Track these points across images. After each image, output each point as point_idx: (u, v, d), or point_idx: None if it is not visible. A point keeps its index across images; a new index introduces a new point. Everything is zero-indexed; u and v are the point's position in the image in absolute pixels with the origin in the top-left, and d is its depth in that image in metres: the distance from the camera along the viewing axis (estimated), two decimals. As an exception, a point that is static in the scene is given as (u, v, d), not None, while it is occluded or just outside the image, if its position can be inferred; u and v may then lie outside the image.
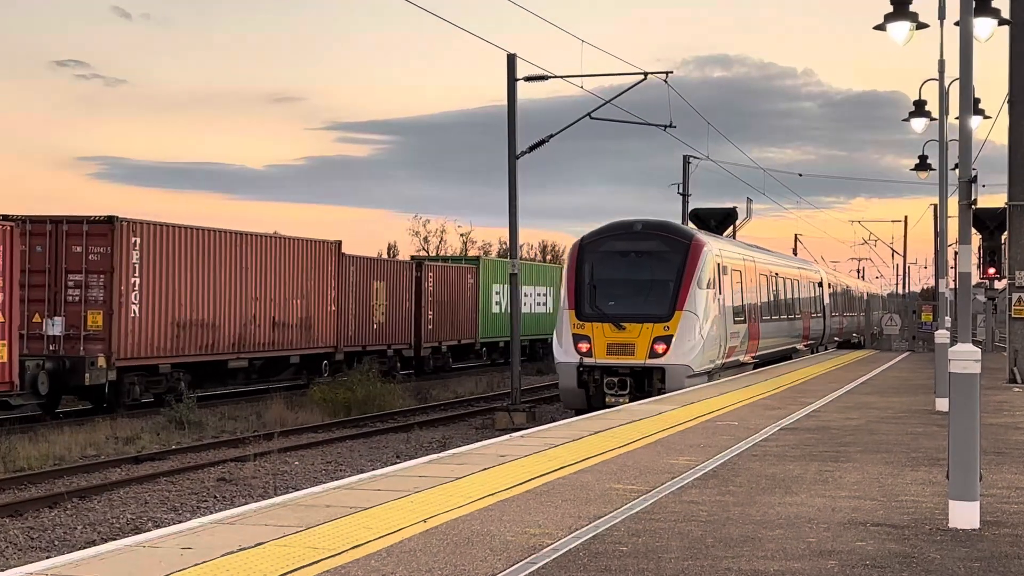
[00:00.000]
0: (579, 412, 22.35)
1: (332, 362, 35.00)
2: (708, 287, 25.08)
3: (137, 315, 26.66)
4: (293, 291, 32.77)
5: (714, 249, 26.23)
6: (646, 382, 23.87)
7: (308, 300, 33.51)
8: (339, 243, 35.28)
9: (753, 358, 30.50)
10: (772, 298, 32.98)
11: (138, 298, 26.71)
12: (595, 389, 23.90)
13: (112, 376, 25.88)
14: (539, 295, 52.13)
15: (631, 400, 22.83)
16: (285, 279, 32.52)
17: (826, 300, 44.23)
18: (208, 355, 29.33)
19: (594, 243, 25.01)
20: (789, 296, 35.76)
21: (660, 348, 23.71)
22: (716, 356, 26.09)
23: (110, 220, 26.22)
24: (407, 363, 40.40)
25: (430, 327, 41.18)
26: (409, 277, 40.25)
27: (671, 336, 23.72)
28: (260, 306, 31.33)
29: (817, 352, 41.43)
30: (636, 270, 24.49)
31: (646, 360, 23.66)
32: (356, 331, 36.36)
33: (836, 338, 48.48)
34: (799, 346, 38.58)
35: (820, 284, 43.92)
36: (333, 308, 34.68)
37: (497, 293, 47.61)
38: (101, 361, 25.66)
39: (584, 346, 23.79)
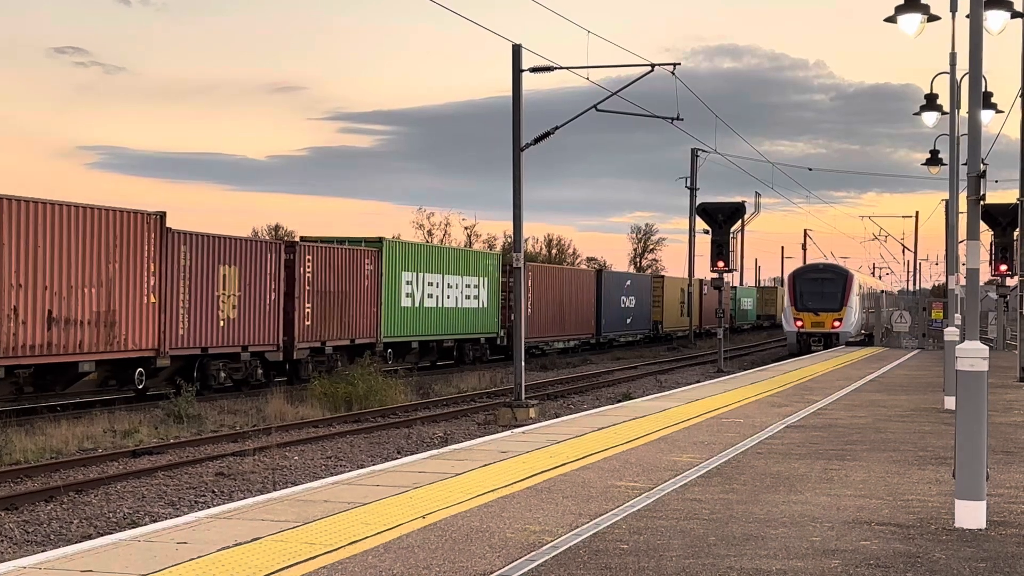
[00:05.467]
0: (793, 355, 44.30)
1: (152, 369, 27.11)
2: (856, 295, 49.15)
3: None
4: (85, 277, 24.55)
5: (856, 275, 51.41)
6: (829, 341, 47.45)
7: (110, 289, 25.30)
8: (162, 215, 26.97)
9: (860, 334, 53.30)
10: (870, 301, 55.26)
11: None
12: (803, 344, 47.26)
13: None
14: (470, 287, 43.66)
15: (823, 348, 46.24)
16: (71, 261, 24.21)
17: (883, 302, 63.16)
18: None
19: (801, 273, 50.24)
20: (874, 300, 55.93)
21: (836, 324, 47.67)
22: (859, 330, 51.11)
23: None
24: (278, 369, 32.49)
25: (308, 323, 32.81)
26: (276, 261, 31.65)
27: (841, 318, 47.77)
28: (25, 296, 23.13)
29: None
30: (823, 286, 48.17)
31: (830, 330, 47.64)
32: (191, 329, 28.02)
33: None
34: (874, 331, 58.50)
35: (881, 291, 65.10)
36: (153, 300, 26.61)
37: (408, 283, 38.72)
38: None
39: (799, 323, 47.63)
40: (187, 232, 28.11)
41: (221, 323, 29.33)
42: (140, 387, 26.86)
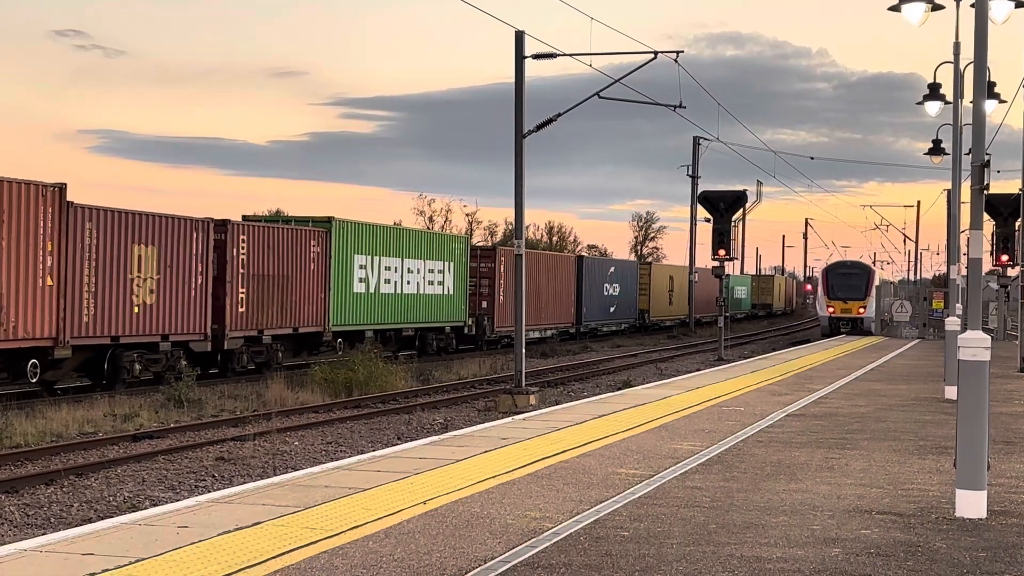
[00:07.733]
0: (825, 336, 53.24)
1: (51, 361, 24.07)
2: (877, 287, 57.09)
3: None
4: None
5: (875, 269, 62.69)
6: (855, 325, 55.36)
7: None
8: (61, 187, 23.82)
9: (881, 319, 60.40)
10: (882, 290, 62.27)
11: None
12: (833, 327, 55.26)
13: None
14: (433, 272, 40.47)
15: (850, 333, 54.08)
16: None
17: (888, 291, 70.88)
18: None
19: (832, 268, 58.48)
20: (886, 289, 62.44)
21: (861, 311, 55.68)
22: (880, 316, 56.37)
23: None
24: (207, 361, 29.73)
25: (242, 310, 29.74)
26: (203, 241, 28.42)
27: (865, 306, 55.72)
28: None
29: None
30: (850, 280, 56.45)
31: (856, 315, 55.72)
32: (99, 316, 24.95)
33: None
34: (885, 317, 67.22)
35: (890, 281, 73.40)
36: (50, 283, 23.53)
37: (361, 267, 35.55)
38: None
39: (831, 310, 55.94)
40: (93, 207, 25.04)
41: (136, 309, 26.15)
42: (34, 380, 23.94)
